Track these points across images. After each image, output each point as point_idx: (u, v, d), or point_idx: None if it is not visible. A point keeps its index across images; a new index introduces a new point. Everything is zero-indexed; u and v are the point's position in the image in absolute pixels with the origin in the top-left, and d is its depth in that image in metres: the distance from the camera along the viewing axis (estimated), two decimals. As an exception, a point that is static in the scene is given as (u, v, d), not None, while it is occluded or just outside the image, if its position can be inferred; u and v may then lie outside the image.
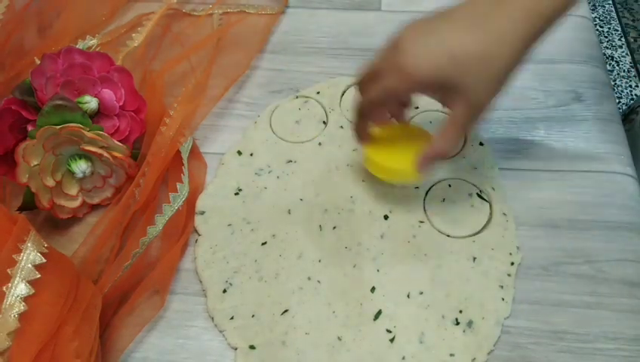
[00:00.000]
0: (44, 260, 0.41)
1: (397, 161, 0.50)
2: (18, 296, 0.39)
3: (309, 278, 0.50)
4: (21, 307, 0.39)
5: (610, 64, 1.66)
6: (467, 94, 0.44)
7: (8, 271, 0.40)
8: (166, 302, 0.50)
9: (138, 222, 0.53)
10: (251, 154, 0.59)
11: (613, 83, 0.66)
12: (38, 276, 0.40)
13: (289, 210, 0.54)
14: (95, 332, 0.44)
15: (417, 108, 0.61)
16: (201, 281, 0.51)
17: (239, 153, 0.59)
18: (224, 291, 0.50)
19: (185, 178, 0.54)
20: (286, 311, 0.49)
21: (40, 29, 0.66)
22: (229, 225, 0.54)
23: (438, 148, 0.47)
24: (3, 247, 0.40)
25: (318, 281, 0.50)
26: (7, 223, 0.42)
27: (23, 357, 0.38)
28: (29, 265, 0.41)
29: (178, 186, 0.53)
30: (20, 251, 0.41)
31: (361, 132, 0.51)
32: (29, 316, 0.39)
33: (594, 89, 0.62)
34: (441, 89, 0.45)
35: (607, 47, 1.71)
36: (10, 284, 0.39)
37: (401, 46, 0.45)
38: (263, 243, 0.53)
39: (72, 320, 0.41)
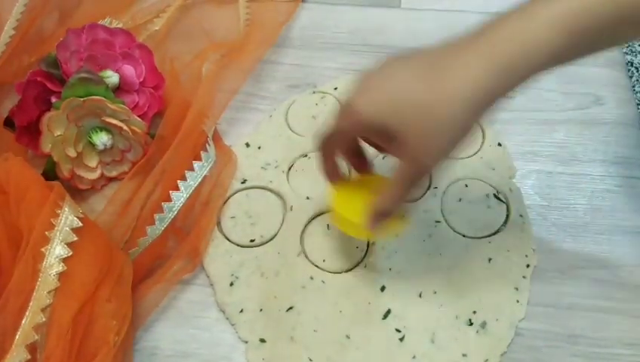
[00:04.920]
0: (81, 224, 0.43)
1: (357, 215, 0.45)
2: (57, 256, 0.42)
3: (311, 277, 0.50)
4: (60, 267, 0.41)
5: (629, 70, 1.64)
6: (409, 148, 0.40)
7: (47, 233, 0.42)
8: (198, 266, 0.50)
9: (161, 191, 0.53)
10: (259, 148, 0.58)
11: (632, 89, 0.66)
12: (76, 238, 0.43)
13: (291, 207, 0.54)
14: (128, 297, 0.45)
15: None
16: (207, 275, 0.51)
17: (247, 145, 0.59)
18: (231, 284, 0.49)
19: (210, 148, 0.54)
20: (291, 308, 0.48)
21: (61, 16, 0.66)
22: (232, 217, 0.54)
23: (381, 208, 0.44)
24: (41, 212, 0.43)
25: (322, 281, 0.49)
26: (44, 190, 0.45)
27: (64, 313, 0.40)
28: (67, 228, 0.43)
29: (203, 155, 0.53)
30: (57, 216, 0.43)
31: (329, 172, 0.48)
32: (67, 276, 0.41)
33: (614, 93, 0.62)
34: (385, 137, 0.40)
35: (627, 53, 1.69)
36: (49, 246, 0.42)
37: (355, 88, 0.42)
38: (261, 239, 0.52)
39: (107, 283, 0.43)
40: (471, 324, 0.47)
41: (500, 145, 0.58)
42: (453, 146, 0.40)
